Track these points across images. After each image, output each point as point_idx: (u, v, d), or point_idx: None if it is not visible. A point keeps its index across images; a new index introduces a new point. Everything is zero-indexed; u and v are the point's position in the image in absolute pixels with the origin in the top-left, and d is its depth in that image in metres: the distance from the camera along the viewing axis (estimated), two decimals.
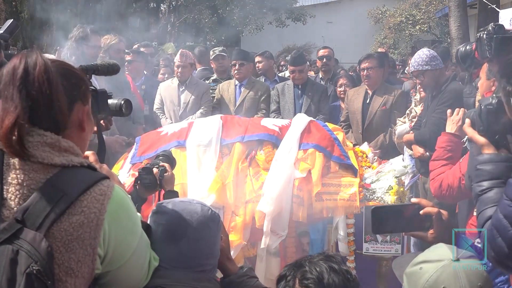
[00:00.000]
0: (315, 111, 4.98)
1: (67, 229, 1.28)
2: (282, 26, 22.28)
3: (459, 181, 2.38)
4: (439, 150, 2.68)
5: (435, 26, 20.79)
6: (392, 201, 3.11)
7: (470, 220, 2.76)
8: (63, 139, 1.36)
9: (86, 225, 1.30)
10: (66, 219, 1.29)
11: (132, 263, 1.43)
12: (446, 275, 1.30)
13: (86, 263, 1.31)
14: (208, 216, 1.74)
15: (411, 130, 4.22)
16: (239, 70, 5.11)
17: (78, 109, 1.42)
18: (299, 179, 3.15)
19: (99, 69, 1.91)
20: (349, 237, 3.13)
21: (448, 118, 2.77)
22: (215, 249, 1.76)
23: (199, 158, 3.32)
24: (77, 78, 1.44)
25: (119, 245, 1.37)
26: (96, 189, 1.34)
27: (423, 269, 1.34)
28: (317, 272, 1.53)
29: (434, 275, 1.31)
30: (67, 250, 1.29)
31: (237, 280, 1.81)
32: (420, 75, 4.00)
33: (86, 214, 1.30)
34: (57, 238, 1.28)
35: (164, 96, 5.19)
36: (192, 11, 20.26)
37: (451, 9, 10.55)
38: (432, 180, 2.61)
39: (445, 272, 1.30)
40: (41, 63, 1.35)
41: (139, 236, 1.45)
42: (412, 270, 1.38)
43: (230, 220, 3.11)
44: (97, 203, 1.32)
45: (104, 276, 1.40)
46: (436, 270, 1.32)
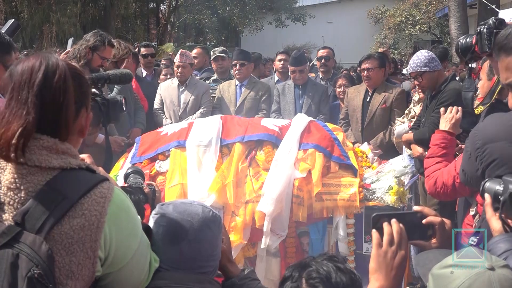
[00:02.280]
0: (315, 111, 4.98)
1: (68, 232, 1.28)
2: (282, 26, 22.29)
3: (454, 179, 2.40)
4: (433, 148, 2.70)
5: (435, 26, 20.81)
6: (392, 201, 3.11)
7: (466, 219, 2.77)
8: (60, 142, 1.35)
9: (87, 228, 1.29)
10: (67, 222, 1.28)
11: (133, 265, 1.42)
12: (480, 283, 1.24)
13: (87, 266, 1.30)
14: (209, 218, 1.73)
15: (410, 130, 4.22)
16: (239, 70, 5.10)
17: (82, 116, 1.41)
18: (299, 179, 3.16)
19: (111, 78, 1.90)
20: (349, 237, 3.14)
21: (442, 116, 2.79)
22: (216, 250, 1.75)
23: (199, 158, 3.32)
24: (86, 85, 1.43)
25: (120, 247, 1.37)
26: (97, 191, 1.33)
27: (455, 274, 1.28)
28: (324, 271, 1.52)
29: (467, 282, 1.25)
30: (67, 253, 1.28)
31: (239, 282, 1.80)
32: (418, 77, 4.00)
33: (87, 217, 1.30)
34: (57, 241, 1.27)
35: (164, 96, 5.19)
36: (192, 12, 20.26)
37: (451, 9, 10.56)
38: (427, 177, 2.62)
39: (479, 280, 1.24)
40: (61, 70, 1.32)
41: (139, 238, 1.44)
42: (441, 273, 1.32)
43: (230, 220, 3.11)
44: (98, 205, 1.32)
45: (105, 278, 1.39)
46: (469, 277, 1.26)
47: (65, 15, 15.03)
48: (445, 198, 2.65)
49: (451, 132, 2.72)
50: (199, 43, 18.06)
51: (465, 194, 2.60)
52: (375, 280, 1.48)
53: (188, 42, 20.34)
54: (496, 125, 1.92)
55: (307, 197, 3.12)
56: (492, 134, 1.90)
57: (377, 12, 22.32)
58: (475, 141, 1.95)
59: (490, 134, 1.90)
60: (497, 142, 1.86)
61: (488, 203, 1.58)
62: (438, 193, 2.54)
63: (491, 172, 1.89)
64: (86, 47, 4.00)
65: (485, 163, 1.89)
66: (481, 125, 2.01)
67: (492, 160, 1.87)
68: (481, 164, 1.91)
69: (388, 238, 1.50)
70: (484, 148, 1.90)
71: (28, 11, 14.87)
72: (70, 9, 15.40)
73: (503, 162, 1.84)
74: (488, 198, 1.59)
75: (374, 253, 1.50)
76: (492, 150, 1.87)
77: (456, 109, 2.75)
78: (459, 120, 2.74)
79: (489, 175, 1.90)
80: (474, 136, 1.98)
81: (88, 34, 4.17)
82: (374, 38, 21.66)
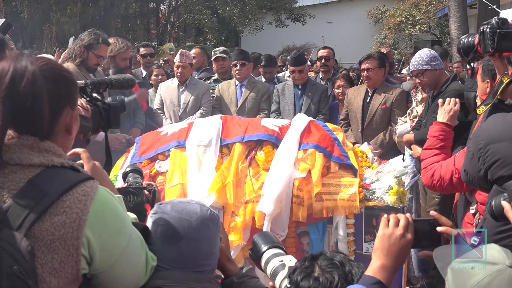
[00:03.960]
0: (315, 111, 4.97)
1: (49, 229, 1.28)
2: (281, 26, 22.30)
3: (452, 174, 2.41)
4: (431, 139, 2.71)
5: (435, 26, 20.81)
6: (392, 201, 3.12)
7: (466, 218, 2.76)
8: (40, 140, 1.35)
9: (68, 225, 1.29)
10: (48, 219, 1.28)
11: (123, 263, 1.42)
12: (500, 280, 1.24)
13: (70, 263, 1.30)
14: (207, 217, 1.73)
15: (411, 130, 4.22)
16: (240, 71, 5.10)
17: (66, 114, 1.40)
18: (299, 179, 3.16)
19: (113, 83, 1.90)
20: (349, 237, 3.14)
21: (440, 108, 2.80)
22: (215, 249, 1.76)
23: (199, 158, 3.32)
24: (66, 82, 1.41)
25: (106, 246, 1.37)
26: (79, 189, 1.33)
27: (475, 269, 1.28)
28: (337, 260, 1.55)
29: (487, 278, 1.25)
30: (49, 250, 1.28)
31: (238, 280, 1.81)
32: (420, 75, 4.00)
33: (68, 214, 1.30)
34: (38, 238, 1.27)
35: (164, 97, 5.18)
36: (192, 12, 20.27)
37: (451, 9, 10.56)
38: (424, 169, 2.63)
39: (500, 277, 1.24)
40: (29, 73, 1.31)
41: (128, 236, 1.43)
42: (461, 267, 1.32)
43: (230, 221, 3.12)
44: (80, 203, 1.31)
45: (97, 277, 1.40)
46: (490, 274, 1.26)
47: (65, 15, 15.06)
48: (441, 191, 2.67)
49: (449, 124, 2.74)
50: (199, 43, 18.05)
51: (461, 189, 2.61)
52: (377, 259, 1.50)
53: (188, 42, 20.34)
54: (498, 126, 1.92)
55: (307, 197, 3.12)
56: (495, 135, 1.90)
57: (377, 12, 22.32)
58: (477, 141, 1.95)
59: (493, 135, 1.90)
60: (500, 143, 1.86)
61: (507, 209, 1.57)
62: (434, 186, 2.55)
63: (494, 173, 1.89)
64: (81, 46, 4.01)
65: (488, 164, 1.89)
66: (483, 125, 2.01)
67: (495, 161, 1.87)
68: (484, 165, 1.91)
69: (395, 220, 1.54)
70: (487, 148, 1.90)
71: (28, 11, 14.89)
72: (70, 9, 15.42)
73: (506, 162, 1.83)
74: (507, 205, 1.57)
75: (380, 233, 1.53)
76: (495, 151, 1.86)
77: (454, 101, 2.77)
78: (457, 112, 2.76)
79: (492, 176, 1.90)
80: (477, 136, 1.97)
81: (83, 33, 4.19)
82: (374, 38, 21.67)
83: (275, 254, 1.80)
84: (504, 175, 1.84)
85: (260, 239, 1.88)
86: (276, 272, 1.73)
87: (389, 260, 1.49)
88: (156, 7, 23.10)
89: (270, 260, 1.78)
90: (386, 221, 1.54)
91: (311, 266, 1.55)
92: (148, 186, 2.19)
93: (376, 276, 1.46)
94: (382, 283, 1.44)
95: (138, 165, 3.22)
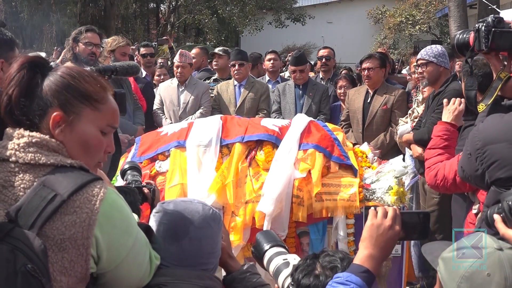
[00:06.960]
0: (316, 111, 4.98)
1: (59, 228, 1.30)
2: (281, 26, 22.30)
3: (455, 174, 2.40)
4: (435, 139, 2.71)
5: (435, 26, 20.82)
6: (392, 201, 3.11)
7: (468, 218, 2.76)
8: (51, 139, 1.38)
9: (78, 225, 1.31)
10: (59, 218, 1.30)
11: (129, 263, 1.44)
12: (491, 262, 1.29)
13: (79, 262, 1.32)
14: (210, 215, 1.76)
15: (412, 130, 4.22)
16: (238, 71, 5.11)
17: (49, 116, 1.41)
18: (299, 179, 3.15)
19: (118, 70, 1.91)
20: (349, 237, 3.13)
21: (445, 108, 2.79)
22: (217, 247, 1.78)
23: (199, 158, 3.32)
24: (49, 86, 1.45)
25: (113, 245, 1.39)
26: (89, 189, 1.35)
27: (466, 254, 1.34)
28: (339, 256, 1.58)
29: (478, 261, 1.30)
30: (60, 250, 1.30)
31: (240, 276, 1.83)
32: (423, 65, 4.02)
33: (78, 214, 1.32)
34: (49, 237, 1.29)
35: (164, 96, 5.19)
36: (192, 12, 20.27)
37: (451, 9, 10.55)
38: (427, 168, 2.63)
39: (490, 259, 1.30)
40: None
41: (134, 236, 1.45)
42: (452, 255, 1.37)
43: (230, 221, 3.11)
44: (90, 203, 1.33)
45: (103, 276, 1.42)
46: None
47: (65, 15, 15.06)
48: (444, 191, 2.66)
49: (453, 124, 2.73)
50: (199, 43, 18.05)
51: (464, 189, 2.61)
52: (365, 248, 1.52)
53: (188, 42, 20.34)
54: (496, 127, 1.92)
55: (307, 197, 3.12)
56: (492, 136, 1.90)
57: (377, 12, 22.32)
58: (475, 141, 1.95)
59: (490, 136, 1.90)
60: (497, 144, 1.86)
61: (497, 221, 1.59)
62: (438, 186, 2.55)
63: (491, 174, 1.89)
64: (69, 43, 4.14)
65: (486, 164, 1.89)
66: (481, 126, 2.01)
67: (492, 162, 1.87)
68: (481, 165, 1.91)
69: (383, 211, 1.55)
70: (485, 149, 1.90)
71: (28, 11, 14.88)
72: (70, 9, 15.42)
73: (503, 164, 1.84)
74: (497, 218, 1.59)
75: (368, 223, 1.55)
76: (493, 152, 1.87)
77: (459, 100, 2.76)
78: (462, 112, 2.75)
79: (490, 177, 1.90)
80: (474, 136, 1.98)
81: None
82: (374, 38, 21.66)
83: (278, 253, 1.81)
84: (501, 177, 1.84)
85: (263, 238, 1.89)
86: (279, 270, 1.74)
87: (376, 250, 1.51)
88: (156, 7, 23.10)
89: (273, 259, 1.80)
90: (374, 212, 1.56)
91: (312, 264, 1.57)
92: (147, 185, 2.19)
93: (364, 265, 1.47)
94: (370, 272, 1.46)
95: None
